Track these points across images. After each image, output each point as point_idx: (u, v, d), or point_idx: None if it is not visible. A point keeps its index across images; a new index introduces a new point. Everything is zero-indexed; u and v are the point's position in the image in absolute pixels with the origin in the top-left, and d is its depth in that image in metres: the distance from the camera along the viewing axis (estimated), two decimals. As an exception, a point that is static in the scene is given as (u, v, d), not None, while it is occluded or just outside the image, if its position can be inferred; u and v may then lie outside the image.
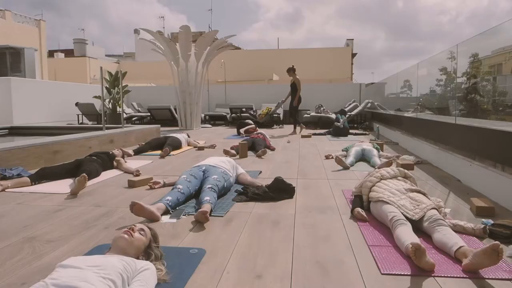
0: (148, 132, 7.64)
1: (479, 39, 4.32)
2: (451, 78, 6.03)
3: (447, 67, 6.38)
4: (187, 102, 11.29)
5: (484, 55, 5.08)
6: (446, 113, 6.50)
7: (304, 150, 6.20)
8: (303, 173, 4.21)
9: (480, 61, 5.36)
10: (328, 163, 4.87)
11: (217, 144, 7.03)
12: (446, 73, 6.77)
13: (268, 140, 6.86)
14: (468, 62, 5.22)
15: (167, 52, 10.96)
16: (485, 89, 5.83)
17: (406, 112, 8.95)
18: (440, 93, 7.83)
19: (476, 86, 5.47)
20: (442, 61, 5.85)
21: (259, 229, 2.37)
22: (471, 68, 5.34)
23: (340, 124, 8.56)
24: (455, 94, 5.65)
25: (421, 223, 2.17)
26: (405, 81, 10.11)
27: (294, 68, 9.35)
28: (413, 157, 4.93)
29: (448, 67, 6.29)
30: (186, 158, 5.42)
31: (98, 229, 2.37)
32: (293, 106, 9.41)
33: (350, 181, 3.74)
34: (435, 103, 8.53)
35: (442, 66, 6.16)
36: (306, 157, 5.40)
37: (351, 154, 4.84)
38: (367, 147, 5.04)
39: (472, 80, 5.50)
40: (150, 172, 4.32)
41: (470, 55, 5.06)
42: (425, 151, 5.17)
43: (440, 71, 6.59)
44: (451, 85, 7.26)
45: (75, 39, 28.54)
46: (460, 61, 5.19)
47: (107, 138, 6.16)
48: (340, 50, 26.15)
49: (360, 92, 14.78)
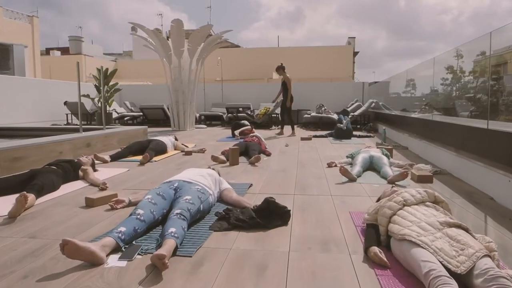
0: (134, 134, 6.98)
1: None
2: (474, 75, 5.35)
3: (464, 64, 5.74)
4: (180, 101, 10.63)
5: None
6: (453, 114, 6.03)
7: (304, 155, 5.53)
8: (301, 186, 3.54)
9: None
10: (331, 172, 4.21)
11: (208, 147, 6.36)
12: (461, 72, 6.12)
13: (264, 143, 6.20)
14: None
15: (159, 48, 10.30)
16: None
17: (412, 112, 8.32)
18: (450, 92, 7.21)
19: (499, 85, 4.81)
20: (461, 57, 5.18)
21: (237, 279, 1.70)
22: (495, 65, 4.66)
23: (343, 125, 7.89)
24: (486, 94, 4.95)
25: (469, 278, 1.50)
26: (408, 80, 9.47)
27: (283, 66, 8.79)
28: (430, 166, 4.25)
29: (466, 65, 5.62)
30: (169, 165, 4.76)
31: (11, 280, 1.70)
32: (286, 107, 8.80)
33: (359, 199, 3.07)
34: (444, 103, 7.91)
35: (462, 62, 5.48)
36: (306, 165, 4.73)
37: (357, 163, 4.17)
38: (375, 153, 4.36)
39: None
40: (122, 184, 3.65)
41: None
42: (442, 158, 4.49)
43: (455, 69, 5.92)
44: (459, 84, 6.62)
45: (70, 37, 27.82)
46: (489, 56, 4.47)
47: (82, 141, 5.50)
48: (341, 49, 25.44)
49: (363, 91, 14.11)
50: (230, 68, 21.52)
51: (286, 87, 8.68)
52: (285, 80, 8.64)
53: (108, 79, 11.43)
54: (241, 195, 3.06)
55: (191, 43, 10.11)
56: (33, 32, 21.53)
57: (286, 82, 8.62)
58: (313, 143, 7.28)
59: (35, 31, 21.74)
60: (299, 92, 14.03)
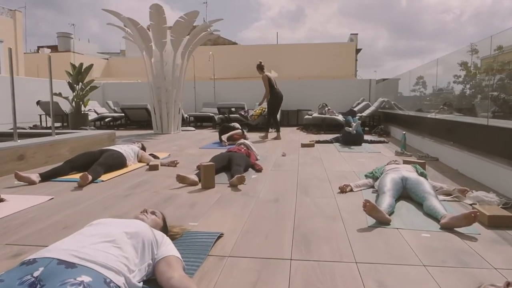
0: (94, 141, 5.61)
1: None
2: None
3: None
4: (163, 101, 9.26)
5: None
6: (472, 114, 5.55)
7: (306, 171, 4.17)
8: (303, 237, 2.17)
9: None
10: (347, 203, 2.85)
11: (185, 157, 5.05)
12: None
13: (255, 153, 4.85)
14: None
15: (137, 39, 8.94)
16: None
17: (428, 113, 7.13)
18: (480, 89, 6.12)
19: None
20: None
21: None
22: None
23: (353, 129, 6.53)
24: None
25: None
26: (418, 77, 8.35)
27: (262, 65, 7.86)
28: (494, 194, 2.88)
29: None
30: (118, 188, 3.41)
31: None
32: (270, 108, 7.93)
33: (401, 270, 1.72)
34: (465, 102, 6.74)
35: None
36: (309, 188, 3.37)
37: (385, 189, 2.80)
38: (410, 174, 3.00)
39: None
40: (16, 230, 2.29)
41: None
42: (505, 179, 3.13)
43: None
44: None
45: (58, 33, 26.35)
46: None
47: (13, 153, 4.14)
48: (343, 46, 24.07)
49: (369, 89, 12.74)
50: (227, 66, 20.15)
51: (271, 86, 7.75)
52: (262, 79, 7.76)
53: (83, 75, 10.08)
54: (200, 259, 1.72)
55: (175, 33, 8.75)
56: (16, 27, 20.17)
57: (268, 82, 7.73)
58: (316, 150, 5.93)
59: (18, 26, 20.38)
60: (300, 91, 12.66)
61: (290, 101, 12.26)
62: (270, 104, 7.87)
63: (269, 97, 7.79)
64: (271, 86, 7.73)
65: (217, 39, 27.95)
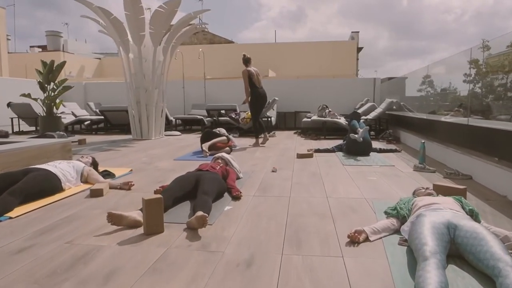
0: (39, 153, 4.49)
1: None
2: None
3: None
4: (142, 102, 8.18)
5: None
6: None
7: (300, 199, 3.07)
8: None
9: None
10: (362, 269, 1.77)
11: (152, 173, 3.97)
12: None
13: (235, 171, 3.76)
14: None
15: (112, 32, 7.86)
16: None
17: (443, 116, 6.17)
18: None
19: None
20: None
21: None
22: None
23: (359, 136, 5.43)
24: None
25: None
26: (425, 76, 7.37)
27: (246, 58, 6.77)
28: None
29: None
30: (15, 236, 2.32)
31: None
32: (252, 108, 6.77)
33: None
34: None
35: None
36: (303, 234, 2.27)
37: (428, 251, 1.67)
38: (459, 220, 1.91)
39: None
40: None
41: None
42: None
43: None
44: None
45: (47, 31, 25.21)
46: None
47: None
48: (344, 44, 22.95)
49: (374, 89, 11.65)
50: (223, 65, 19.01)
51: (251, 84, 6.61)
52: (242, 74, 6.63)
53: (55, 74, 8.98)
54: None
55: (154, 25, 7.67)
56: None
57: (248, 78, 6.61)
58: (315, 163, 4.83)
59: (1, 23, 19.29)
60: (297, 91, 11.56)
61: (287, 102, 11.18)
62: (250, 105, 6.70)
63: (250, 97, 6.64)
64: (251, 84, 6.58)
65: (213, 37, 26.89)
